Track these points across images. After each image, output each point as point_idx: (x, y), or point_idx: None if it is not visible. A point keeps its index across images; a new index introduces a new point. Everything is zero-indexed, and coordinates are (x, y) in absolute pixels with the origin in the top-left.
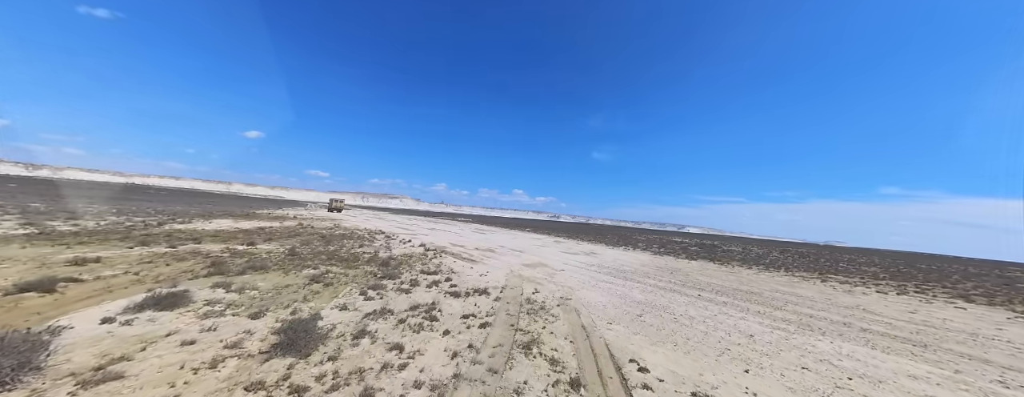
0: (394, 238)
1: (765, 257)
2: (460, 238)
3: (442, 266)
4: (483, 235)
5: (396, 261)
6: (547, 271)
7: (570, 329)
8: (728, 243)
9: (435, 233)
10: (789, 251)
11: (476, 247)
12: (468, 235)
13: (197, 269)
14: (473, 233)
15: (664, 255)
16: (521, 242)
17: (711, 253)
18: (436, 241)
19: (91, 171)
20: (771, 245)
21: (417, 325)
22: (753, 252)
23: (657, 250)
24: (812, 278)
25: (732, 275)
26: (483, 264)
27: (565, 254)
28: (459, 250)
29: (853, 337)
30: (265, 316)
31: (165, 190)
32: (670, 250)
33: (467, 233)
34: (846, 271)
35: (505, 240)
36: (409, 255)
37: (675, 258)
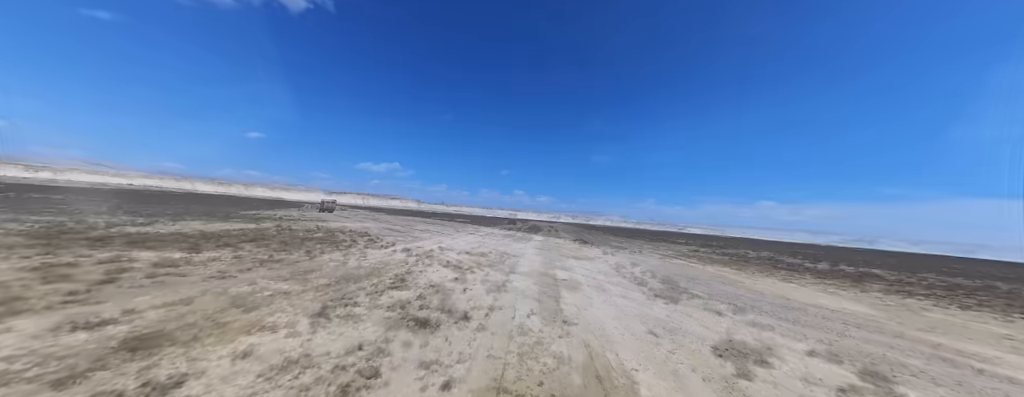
0: (377, 241)
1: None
2: (452, 241)
3: (418, 279)
4: (475, 237)
5: (363, 272)
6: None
7: None
8: (759, 247)
9: (427, 236)
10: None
11: (466, 251)
12: (463, 238)
13: (77, 282)
14: (468, 236)
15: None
16: (518, 247)
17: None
18: (424, 246)
19: (93, 172)
20: (836, 252)
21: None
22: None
23: (710, 255)
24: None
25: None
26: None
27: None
28: (446, 256)
29: None
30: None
31: (162, 191)
32: (735, 257)
33: (461, 236)
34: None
35: (499, 246)
36: (385, 264)
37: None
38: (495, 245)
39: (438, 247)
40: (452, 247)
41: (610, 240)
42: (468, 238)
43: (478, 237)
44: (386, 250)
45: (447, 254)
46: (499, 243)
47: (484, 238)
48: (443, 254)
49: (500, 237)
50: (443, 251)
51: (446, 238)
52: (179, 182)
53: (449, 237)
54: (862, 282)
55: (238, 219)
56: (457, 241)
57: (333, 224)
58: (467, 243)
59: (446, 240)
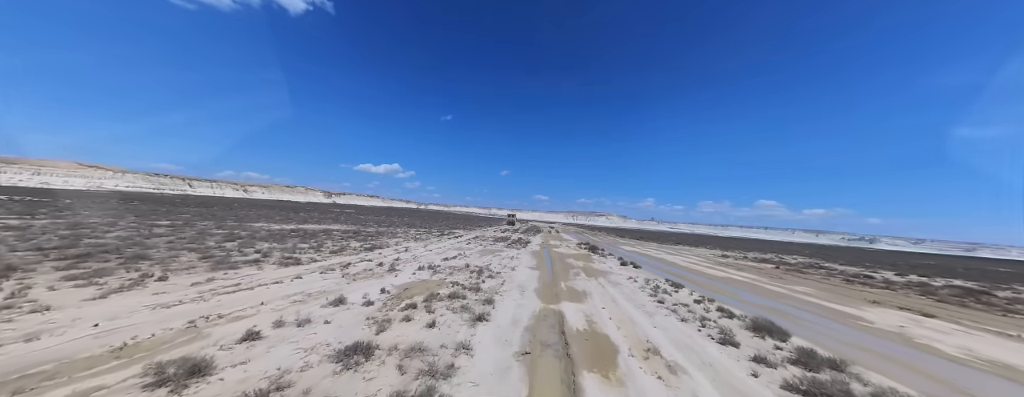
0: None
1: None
2: (426, 250)
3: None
4: (454, 244)
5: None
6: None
7: None
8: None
9: (399, 245)
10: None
11: None
12: (440, 245)
13: None
14: (448, 242)
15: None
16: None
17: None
18: (384, 258)
19: (85, 176)
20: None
21: None
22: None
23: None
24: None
25: None
26: None
27: None
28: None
29: None
30: None
31: (190, 196)
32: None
33: (439, 243)
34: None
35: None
36: (322, 291)
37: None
38: (478, 258)
39: (396, 260)
40: (418, 259)
41: (619, 243)
42: (446, 245)
43: (457, 244)
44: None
45: (399, 274)
46: (485, 251)
47: (466, 244)
48: (394, 276)
49: (490, 242)
50: (399, 265)
51: (421, 245)
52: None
53: (426, 244)
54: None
55: (351, 252)
56: (432, 249)
57: (479, 259)
58: (441, 251)
59: (421, 248)
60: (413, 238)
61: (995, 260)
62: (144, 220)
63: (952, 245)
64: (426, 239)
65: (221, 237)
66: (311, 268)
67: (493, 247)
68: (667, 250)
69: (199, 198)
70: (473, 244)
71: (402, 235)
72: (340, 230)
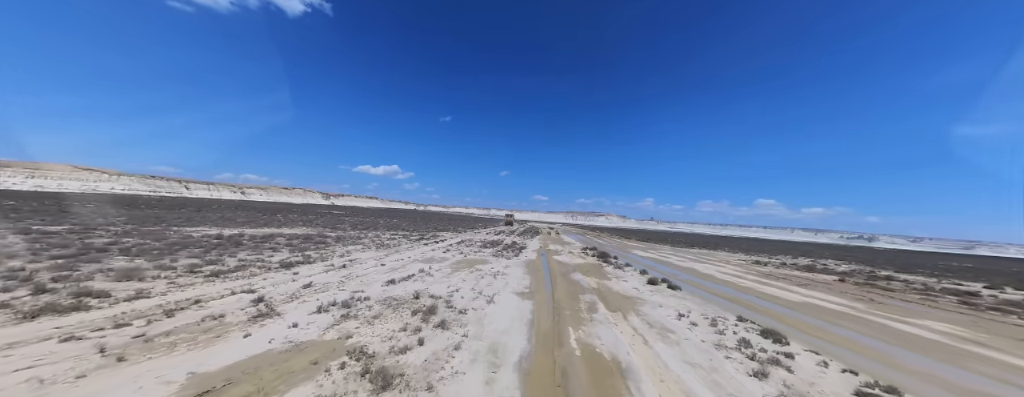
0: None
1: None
2: (395, 257)
3: None
4: (430, 251)
5: None
6: None
7: None
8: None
9: (366, 253)
10: None
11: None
12: (412, 253)
13: None
14: (426, 248)
15: None
16: None
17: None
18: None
19: (81, 179)
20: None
21: None
22: None
23: None
24: None
25: None
26: None
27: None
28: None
29: None
30: None
31: (213, 199)
32: None
33: (416, 250)
34: None
35: None
36: None
37: None
38: (445, 279)
39: (305, 287)
40: (348, 282)
41: (627, 246)
42: (415, 254)
43: (431, 252)
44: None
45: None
46: (463, 262)
47: (443, 254)
48: (246, 335)
49: (475, 248)
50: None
51: (379, 256)
52: (213, 189)
53: (389, 253)
54: None
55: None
56: (387, 263)
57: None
58: (398, 266)
59: (372, 261)
60: (378, 245)
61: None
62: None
63: (950, 243)
64: (396, 246)
65: (108, 241)
66: (85, 321)
67: (477, 255)
68: (686, 255)
69: (192, 200)
70: (452, 252)
71: (369, 240)
72: (291, 236)
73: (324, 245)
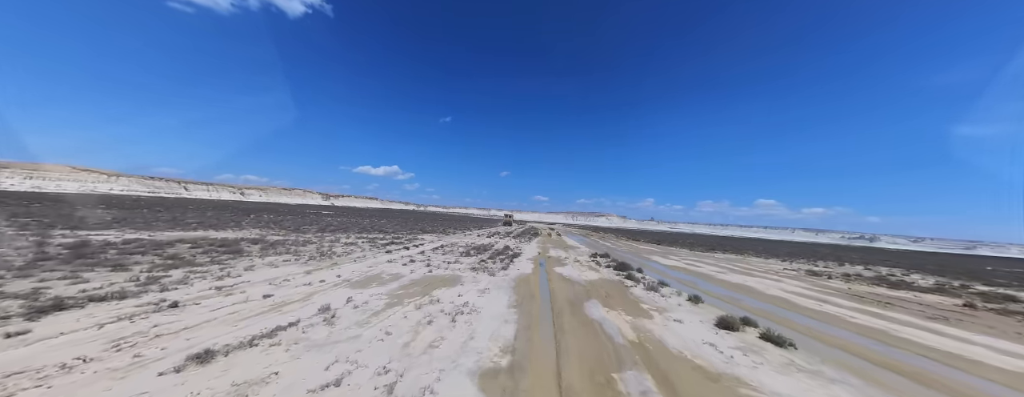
0: None
1: None
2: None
3: None
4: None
5: None
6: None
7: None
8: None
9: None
10: None
11: None
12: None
13: None
14: (404, 253)
15: None
16: None
17: None
18: None
19: (78, 180)
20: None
21: None
22: None
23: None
24: None
25: None
26: None
27: None
28: None
29: None
30: None
31: (233, 203)
32: None
33: (386, 256)
34: None
35: None
36: None
37: None
38: (388, 315)
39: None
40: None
41: (640, 251)
42: (359, 268)
43: (387, 265)
44: None
45: None
46: (420, 283)
47: (401, 267)
48: None
49: (455, 256)
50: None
51: (325, 270)
52: (226, 191)
53: (336, 266)
54: None
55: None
56: (333, 276)
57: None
58: (300, 293)
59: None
60: (321, 254)
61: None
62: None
63: (952, 243)
64: (346, 255)
65: None
66: None
67: (448, 270)
68: (713, 261)
69: (187, 201)
70: (417, 264)
71: (315, 248)
72: (219, 241)
73: (237, 256)
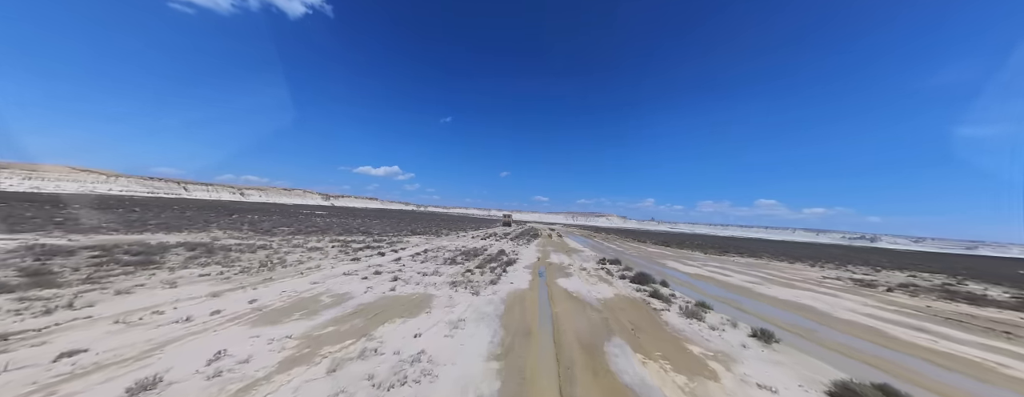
0: None
1: None
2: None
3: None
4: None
5: None
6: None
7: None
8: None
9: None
10: None
11: None
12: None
13: None
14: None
15: None
16: None
17: None
18: None
19: (78, 180)
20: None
21: None
22: None
23: None
24: None
25: None
26: None
27: None
28: None
29: None
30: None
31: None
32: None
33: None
34: None
35: None
36: None
37: None
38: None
39: None
40: None
41: (653, 255)
42: (311, 280)
43: (344, 277)
44: None
45: None
46: (381, 305)
47: (357, 284)
48: None
49: (436, 265)
50: None
51: (245, 290)
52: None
53: (269, 283)
54: None
55: None
56: (249, 301)
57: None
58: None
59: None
60: (275, 263)
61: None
62: None
63: (953, 243)
64: (296, 264)
65: None
66: None
67: (418, 286)
68: (742, 268)
69: (182, 201)
70: (382, 278)
71: (266, 255)
72: (173, 245)
73: (144, 267)
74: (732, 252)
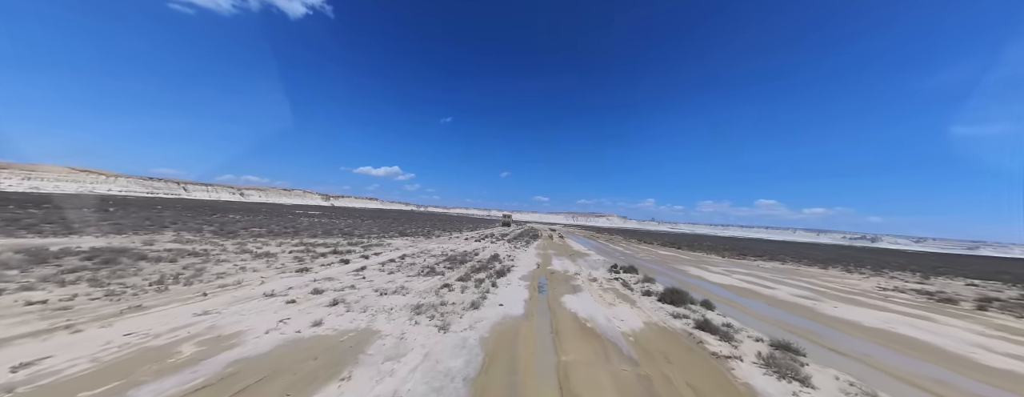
0: None
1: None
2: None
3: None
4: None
5: None
6: None
7: None
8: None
9: None
10: None
11: None
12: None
13: None
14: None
15: None
16: None
17: None
18: None
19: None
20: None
21: None
22: None
23: None
24: None
25: None
26: None
27: None
28: None
29: None
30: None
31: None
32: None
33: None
34: None
35: None
36: None
37: None
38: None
39: None
40: None
41: (667, 259)
42: (216, 303)
43: (263, 299)
44: None
45: None
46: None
47: (273, 314)
48: None
49: (405, 277)
50: None
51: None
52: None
53: (151, 311)
54: None
55: None
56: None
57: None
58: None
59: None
60: (185, 278)
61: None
62: None
63: (954, 243)
64: (237, 274)
65: None
66: None
67: (364, 317)
68: (776, 276)
69: (178, 202)
70: (310, 305)
71: (210, 260)
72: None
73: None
74: (750, 255)
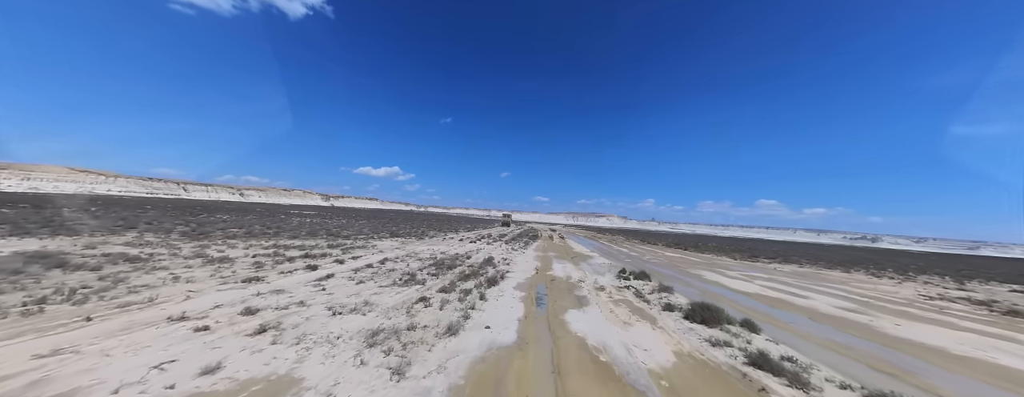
0: None
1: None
2: None
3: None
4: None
5: None
6: None
7: None
8: None
9: None
10: None
11: None
12: None
13: None
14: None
15: None
16: None
17: None
18: None
19: (76, 181)
20: None
21: None
22: None
23: None
24: None
25: None
26: None
27: None
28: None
29: None
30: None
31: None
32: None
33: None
34: None
35: None
36: None
37: None
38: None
39: None
40: None
41: (675, 262)
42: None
43: (158, 328)
44: None
45: None
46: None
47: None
48: None
49: (376, 289)
50: None
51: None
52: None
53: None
54: None
55: None
56: None
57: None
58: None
59: None
60: (105, 294)
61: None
62: None
63: (954, 244)
64: (172, 284)
65: None
66: None
67: (272, 366)
68: (801, 281)
69: (179, 202)
70: (225, 334)
71: (150, 264)
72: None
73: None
74: (761, 257)
